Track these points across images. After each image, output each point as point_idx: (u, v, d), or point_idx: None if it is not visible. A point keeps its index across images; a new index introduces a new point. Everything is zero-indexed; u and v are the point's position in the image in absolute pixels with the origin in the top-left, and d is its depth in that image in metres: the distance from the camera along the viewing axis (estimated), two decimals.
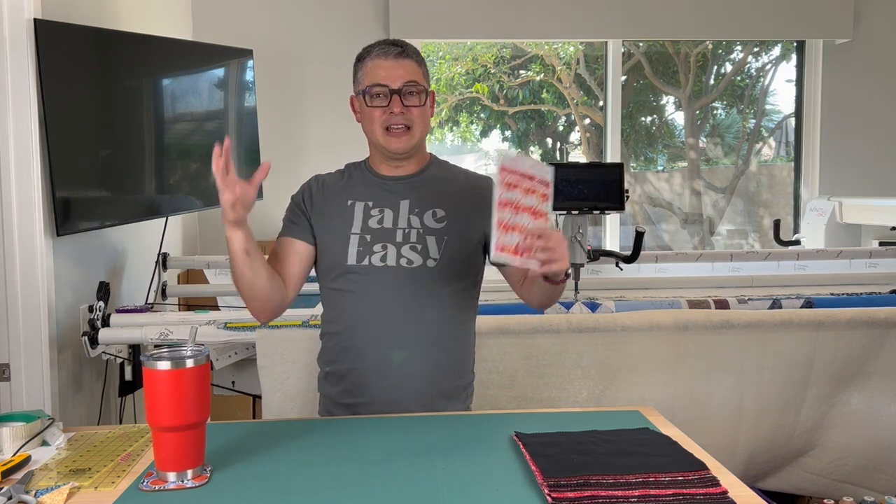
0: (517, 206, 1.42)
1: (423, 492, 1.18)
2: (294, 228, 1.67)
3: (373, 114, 1.60)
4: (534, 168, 1.44)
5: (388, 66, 1.59)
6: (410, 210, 1.63)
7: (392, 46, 1.60)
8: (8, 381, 2.17)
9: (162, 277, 2.96)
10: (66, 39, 2.27)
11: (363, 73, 1.62)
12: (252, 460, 1.32)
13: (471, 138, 5.03)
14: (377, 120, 1.60)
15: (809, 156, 4.32)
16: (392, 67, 1.59)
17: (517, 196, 1.42)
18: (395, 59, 1.59)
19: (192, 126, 2.99)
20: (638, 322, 2.27)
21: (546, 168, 1.45)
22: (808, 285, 2.99)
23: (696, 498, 1.11)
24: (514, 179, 1.42)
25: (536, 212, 1.44)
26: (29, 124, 2.15)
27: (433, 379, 1.61)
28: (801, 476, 2.46)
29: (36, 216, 2.17)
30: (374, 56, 1.61)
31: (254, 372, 2.24)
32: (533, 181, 1.44)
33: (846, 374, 2.36)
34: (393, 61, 1.59)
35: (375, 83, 1.58)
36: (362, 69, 1.63)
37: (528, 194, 1.43)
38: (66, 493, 1.18)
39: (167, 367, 1.19)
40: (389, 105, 1.58)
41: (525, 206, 1.43)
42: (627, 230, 4.36)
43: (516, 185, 1.43)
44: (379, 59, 1.60)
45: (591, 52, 4.64)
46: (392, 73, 1.58)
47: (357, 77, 1.65)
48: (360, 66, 1.64)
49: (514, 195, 1.42)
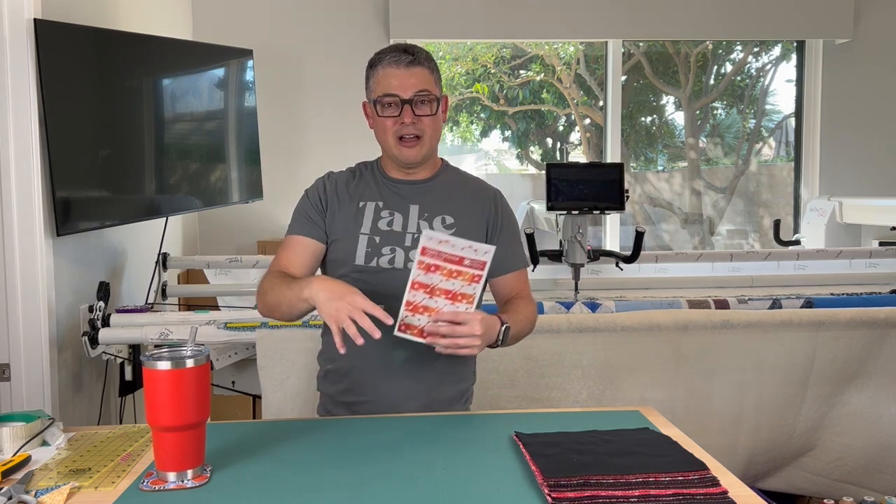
0: (433, 289, 1.42)
1: (423, 492, 1.18)
2: (311, 227, 1.64)
3: (385, 123, 1.60)
4: (466, 251, 1.42)
5: (400, 74, 1.58)
6: (420, 215, 1.63)
7: (404, 54, 1.59)
8: (8, 381, 2.17)
9: (162, 277, 2.96)
10: (66, 39, 2.27)
11: (375, 82, 1.61)
12: (252, 460, 1.32)
13: (471, 138, 5.03)
14: (389, 130, 1.60)
15: (809, 156, 4.32)
16: (403, 76, 1.58)
17: (435, 279, 1.42)
18: (407, 67, 1.58)
19: (193, 126, 2.99)
20: (638, 322, 2.27)
21: (485, 249, 1.43)
22: (808, 285, 2.99)
23: (696, 498, 1.11)
24: (434, 262, 1.41)
25: (457, 295, 1.43)
26: (29, 124, 2.15)
27: (433, 380, 1.61)
28: (801, 476, 2.46)
29: (36, 216, 2.17)
30: (385, 64, 1.59)
31: (254, 372, 2.24)
32: (461, 264, 1.42)
33: (846, 374, 2.36)
34: (404, 70, 1.58)
35: (387, 93, 1.58)
36: (374, 77, 1.62)
37: (452, 277, 1.42)
38: (66, 493, 1.18)
39: (167, 367, 1.19)
40: (401, 115, 1.58)
41: (443, 290, 1.42)
42: (627, 230, 4.36)
43: (436, 268, 1.42)
44: (390, 67, 1.59)
45: (591, 52, 4.64)
46: (403, 82, 1.58)
47: (369, 84, 1.64)
48: (372, 73, 1.63)
49: (432, 278, 1.42)
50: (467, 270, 1.43)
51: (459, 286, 1.43)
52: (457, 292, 1.43)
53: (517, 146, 5.02)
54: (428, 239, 1.42)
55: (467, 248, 1.42)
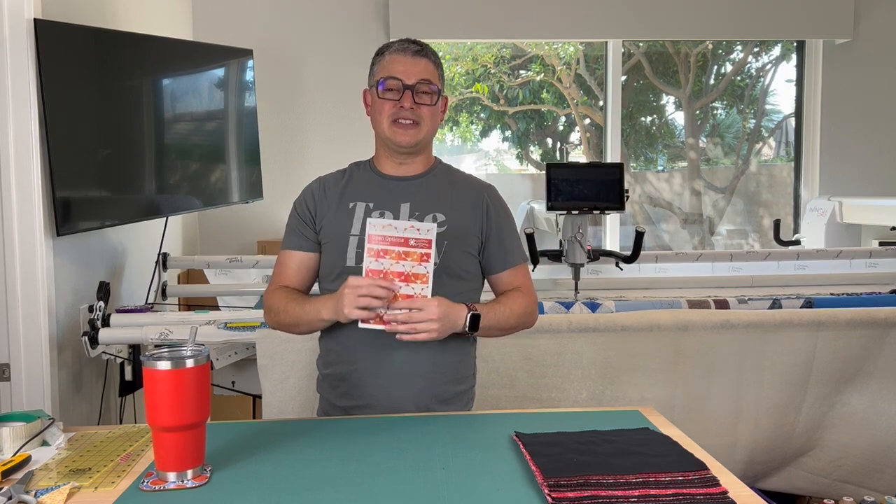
0: (385, 274, 1.46)
1: (423, 492, 1.18)
2: (301, 240, 1.67)
3: (383, 105, 1.61)
4: (409, 231, 1.46)
5: (406, 61, 1.60)
6: (411, 213, 1.62)
7: (412, 44, 1.63)
8: (8, 381, 2.17)
9: (162, 277, 2.96)
10: (66, 39, 2.27)
11: (380, 66, 1.63)
12: (252, 460, 1.32)
13: (471, 138, 5.02)
14: (386, 112, 1.61)
15: (809, 156, 4.32)
16: (409, 63, 1.60)
17: (386, 264, 1.46)
18: (413, 56, 1.61)
19: (192, 126, 2.99)
20: (638, 322, 2.27)
21: (427, 226, 1.47)
22: (808, 285, 2.99)
23: (696, 498, 1.11)
24: (382, 248, 1.46)
25: (410, 276, 1.47)
26: (29, 124, 2.15)
27: (432, 382, 1.61)
28: (801, 476, 2.46)
29: (36, 216, 2.17)
30: (392, 51, 1.63)
31: (254, 372, 2.24)
32: (407, 245, 1.46)
33: (846, 374, 2.36)
34: (411, 58, 1.61)
35: (390, 76, 1.60)
36: (379, 62, 1.64)
37: (401, 259, 1.46)
38: (66, 493, 1.18)
39: (167, 367, 1.19)
40: (401, 99, 1.59)
41: (395, 273, 1.46)
42: (627, 230, 4.36)
43: (385, 252, 1.46)
44: (398, 54, 1.62)
45: (591, 52, 4.64)
46: (408, 68, 1.60)
47: (373, 70, 1.66)
48: (378, 59, 1.65)
49: (383, 263, 1.46)
50: (414, 250, 1.47)
51: (410, 267, 1.47)
52: (409, 273, 1.47)
53: (517, 146, 5.02)
54: (372, 226, 1.47)
55: (410, 229, 1.47)
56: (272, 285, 1.67)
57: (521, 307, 1.64)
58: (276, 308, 1.61)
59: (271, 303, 1.63)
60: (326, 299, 1.53)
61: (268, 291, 1.66)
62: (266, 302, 1.65)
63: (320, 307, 1.53)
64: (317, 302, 1.55)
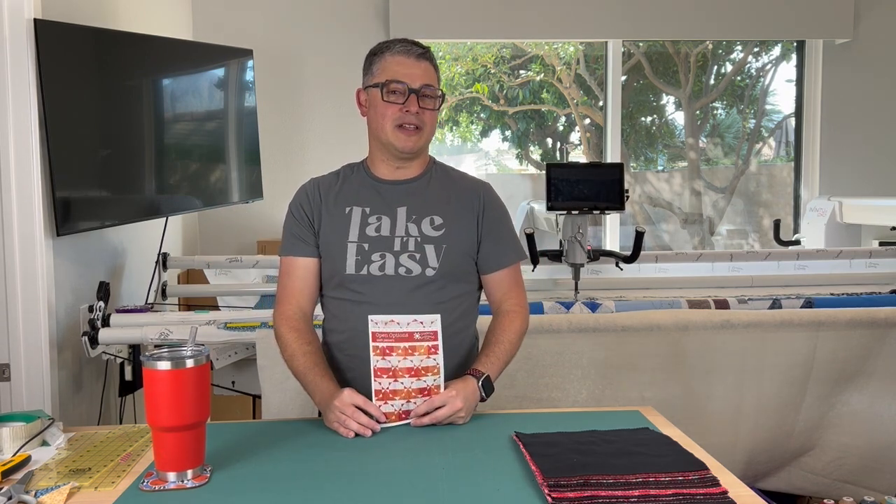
0: (394, 371, 1.45)
1: (423, 492, 1.18)
2: (303, 246, 1.64)
3: (386, 109, 1.58)
4: (413, 325, 1.45)
5: (410, 64, 1.58)
6: (408, 217, 1.61)
7: (414, 46, 1.60)
8: (8, 381, 2.17)
9: (162, 277, 2.96)
10: (66, 39, 2.27)
11: (380, 68, 1.60)
12: (252, 460, 1.32)
13: (471, 138, 5.03)
14: (390, 116, 1.58)
15: (809, 156, 4.32)
16: (413, 66, 1.58)
17: (394, 361, 1.45)
18: (417, 59, 1.59)
19: (193, 126, 2.99)
20: (638, 322, 2.27)
21: (431, 318, 1.46)
22: (808, 285, 2.99)
23: (696, 498, 1.11)
24: (387, 345, 1.44)
25: (420, 371, 1.45)
26: (29, 124, 2.15)
27: None
28: (801, 476, 2.46)
29: (36, 216, 2.17)
30: (395, 52, 1.60)
31: (254, 372, 2.24)
32: (413, 339, 1.45)
33: (846, 374, 2.36)
34: (414, 61, 1.59)
35: (395, 79, 1.57)
36: (379, 62, 1.61)
37: (408, 355, 1.45)
38: (66, 493, 1.18)
39: (167, 367, 1.19)
40: (406, 103, 1.57)
41: (404, 369, 1.45)
42: (627, 230, 4.36)
43: (391, 350, 1.44)
44: (401, 55, 1.59)
45: (591, 52, 4.64)
46: (413, 71, 1.58)
47: (371, 70, 1.63)
48: (377, 59, 1.62)
49: (391, 361, 1.45)
50: (421, 344, 1.46)
51: (419, 361, 1.46)
52: (418, 368, 1.46)
53: (517, 146, 5.02)
54: (374, 324, 1.45)
55: (413, 323, 1.46)
56: (284, 303, 1.63)
57: (517, 333, 1.65)
58: (287, 352, 1.60)
59: (285, 342, 1.61)
60: (321, 392, 1.51)
61: (281, 314, 1.62)
62: (278, 331, 1.62)
63: (314, 391, 1.53)
64: (315, 385, 1.53)
